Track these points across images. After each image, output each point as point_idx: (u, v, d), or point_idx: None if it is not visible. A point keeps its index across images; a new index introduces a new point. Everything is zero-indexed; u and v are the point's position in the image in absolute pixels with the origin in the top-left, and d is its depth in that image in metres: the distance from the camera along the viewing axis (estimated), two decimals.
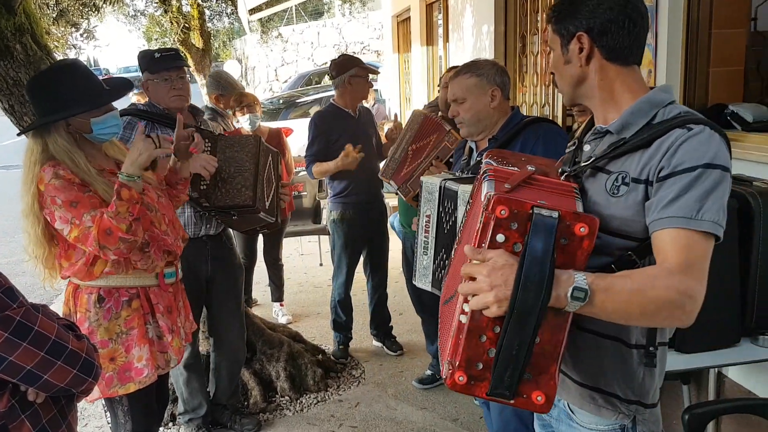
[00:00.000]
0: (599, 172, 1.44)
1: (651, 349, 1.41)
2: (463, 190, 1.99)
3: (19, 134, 2.26)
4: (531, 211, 1.18)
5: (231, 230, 3.33)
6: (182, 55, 3.02)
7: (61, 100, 2.13)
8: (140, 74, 2.99)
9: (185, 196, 2.66)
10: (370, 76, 3.96)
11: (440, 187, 2.17)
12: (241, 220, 3.06)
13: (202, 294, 3.14)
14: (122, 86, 2.34)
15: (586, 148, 1.52)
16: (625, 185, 1.36)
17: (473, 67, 2.42)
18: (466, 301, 1.23)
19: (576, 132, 1.62)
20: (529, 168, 1.43)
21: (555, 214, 1.17)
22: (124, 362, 2.26)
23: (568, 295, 1.17)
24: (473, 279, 1.21)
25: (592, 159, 1.45)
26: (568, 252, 1.20)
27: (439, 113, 3.51)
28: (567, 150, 1.59)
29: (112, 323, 2.24)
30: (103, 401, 2.39)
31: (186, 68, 3.01)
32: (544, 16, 4.91)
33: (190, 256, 3.00)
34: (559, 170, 1.53)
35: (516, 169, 1.45)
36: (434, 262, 2.27)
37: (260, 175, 3.01)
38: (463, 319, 1.22)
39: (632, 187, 1.35)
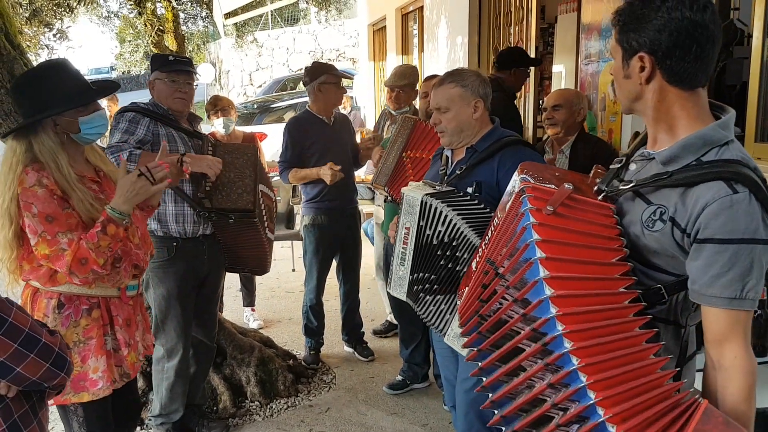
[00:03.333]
0: (639, 197, 1.41)
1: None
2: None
3: (4, 137, 2.17)
4: None
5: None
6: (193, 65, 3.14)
7: (49, 98, 2.10)
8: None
9: (145, 225, 2.55)
10: (345, 82, 3.98)
11: (422, 202, 2.19)
12: (238, 227, 3.09)
13: (196, 293, 3.16)
14: (108, 85, 2.34)
15: (632, 167, 1.48)
16: (662, 222, 1.34)
17: (458, 76, 2.39)
18: None
19: (627, 149, 1.58)
20: (566, 186, 1.40)
21: None
22: (78, 372, 2.17)
23: None
24: None
25: (632, 185, 1.40)
26: None
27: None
28: (612, 166, 1.54)
29: (69, 331, 2.16)
30: (57, 410, 2.30)
31: (195, 75, 3.10)
32: (516, 30, 5.01)
33: (190, 255, 3.05)
34: (595, 188, 1.50)
35: (553, 186, 1.41)
36: (411, 275, 2.29)
37: (258, 183, 3.08)
38: None
39: (668, 226, 1.33)
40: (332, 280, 4.35)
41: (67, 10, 8.74)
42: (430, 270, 2.22)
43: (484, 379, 1.45)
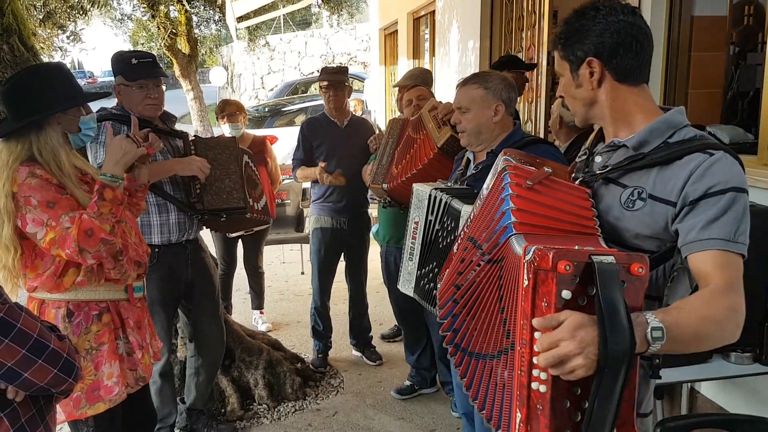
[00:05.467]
0: (613, 183, 1.47)
1: (656, 361, 1.45)
2: (467, 212, 1.97)
3: (8, 134, 2.13)
4: (589, 260, 1.14)
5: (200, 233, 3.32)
6: (158, 62, 2.97)
7: (55, 96, 2.09)
8: None
9: (144, 205, 2.57)
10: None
11: (429, 195, 2.19)
12: (228, 222, 3.11)
13: (181, 298, 3.14)
14: (102, 92, 2.38)
15: (598, 159, 1.55)
16: (641, 200, 1.40)
17: (482, 78, 2.40)
18: (536, 367, 1.16)
19: (586, 143, 1.66)
20: (546, 169, 1.46)
21: (612, 259, 1.14)
22: (93, 380, 2.14)
23: (649, 337, 1.16)
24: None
25: (608, 168, 1.47)
26: (629, 294, 1.16)
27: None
28: (578, 159, 1.62)
29: (81, 339, 2.14)
30: (67, 423, 2.26)
31: (162, 77, 2.96)
32: (528, 35, 4.99)
33: (172, 260, 3.02)
34: (572, 175, 1.56)
35: (533, 168, 1.47)
36: (418, 270, 2.29)
37: (244, 176, 3.07)
38: (542, 388, 1.16)
39: (649, 203, 1.39)
40: (342, 284, 4.35)
41: (81, 13, 8.81)
42: (436, 260, 2.21)
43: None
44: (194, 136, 3.15)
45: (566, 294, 1.14)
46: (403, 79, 4.22)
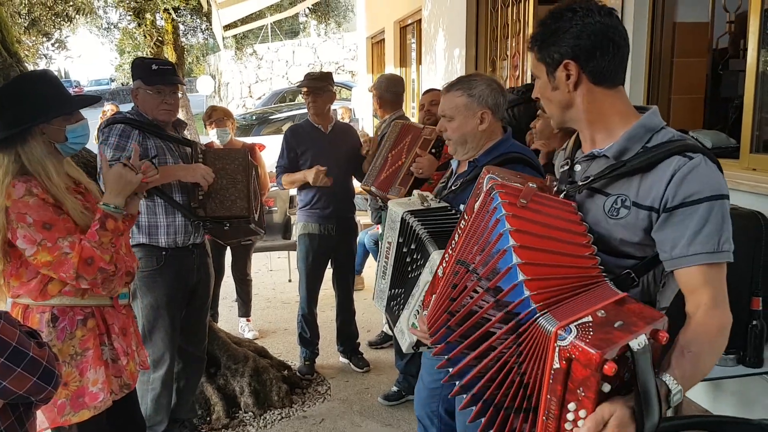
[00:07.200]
0: (596, 193, 1.46)
1: None
2: (434, 261, 1.90)
3: None
4: (628, 349, 1.17)
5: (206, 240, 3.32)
6: (177, 71, 3.05)
7: (36, 106, 2.06)
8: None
9: (128, 235, 2.51)
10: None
11: (402, 218, 2.13)
12: (231, 230, 3.12)
13: (187, 303, 3.12)
14: (91, 97, 2.34)
15: (577, 168, 1.54)
16: (626, 208, 1.40)
17: (466, 84, 2.26)
18: None
19: (566, 150, 1.65)
20: (530, 185, 1.45)
21: (644, 340, 1.17)
22: (78, 387, 2.12)
23: (671, 401, 1.24)
24: None
25: (590, 179, 1.46)
26: (654, 358, 1.22)
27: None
28: (561, 169, 1.60)
29: (66, 344, 2.11)
30: (51, 430, 2.21)
31: (180, 85, 3.05)
32: (513, 42, 5.03)
33: (180, 265, 3.02)
34: (555, 188, 1.55)
35: (519, 185, 1.45)
36: (390, 290, 2.25)
37: (251, 187, 3.09)
38: None
39: (633, 211, 1.39)
40: (329, 291, 4.33)
41: (66, 20, 8.78)
42: (403, 286, 2.17)
43: (451, 370, 1.46)
44: (205, 146, 3.16)
45: (606, 388, 1.17)
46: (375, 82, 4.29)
